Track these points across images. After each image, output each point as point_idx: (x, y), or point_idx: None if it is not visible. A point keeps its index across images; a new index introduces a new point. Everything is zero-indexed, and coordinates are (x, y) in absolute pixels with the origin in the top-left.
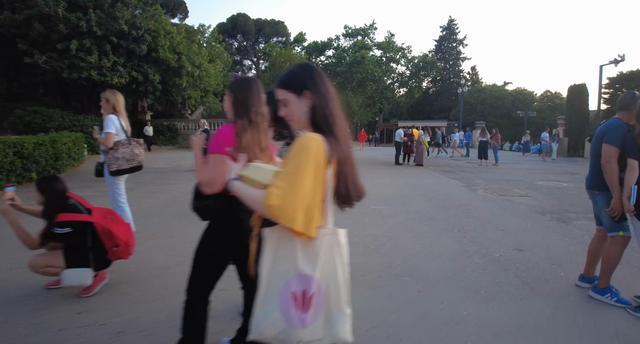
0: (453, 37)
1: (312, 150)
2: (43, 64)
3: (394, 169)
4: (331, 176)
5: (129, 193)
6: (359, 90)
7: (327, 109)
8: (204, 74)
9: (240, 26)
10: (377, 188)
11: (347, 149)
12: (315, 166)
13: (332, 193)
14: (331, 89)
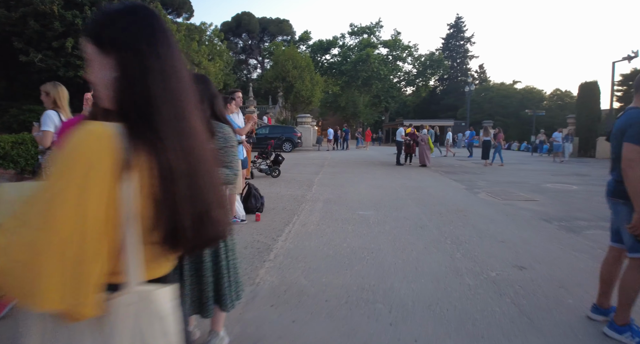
0: (460, 35)
1: (81, 155)
2: (39, 62)
3: (393, 170)
4: (132, 193)
5: None
6: (364, 88)
7: (152, 83)
8: (204, 72)
9: (244, 25)
10: (369, 190)
11: (190, 157)
12: (84, 180)
13: (137, 222)
14: (174, 54)
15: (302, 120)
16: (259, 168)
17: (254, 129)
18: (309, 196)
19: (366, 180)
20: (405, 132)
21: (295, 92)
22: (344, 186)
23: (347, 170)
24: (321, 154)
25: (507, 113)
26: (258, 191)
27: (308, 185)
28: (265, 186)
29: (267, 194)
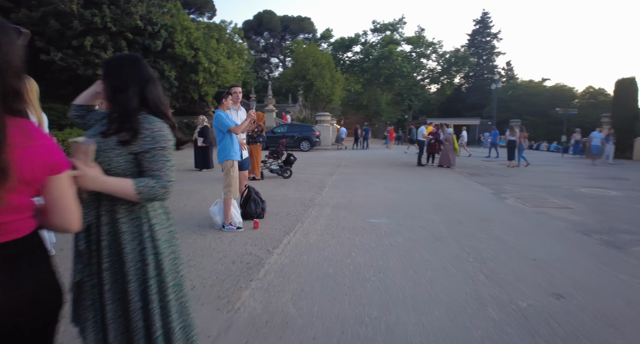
0: (487, 31)
1: None
2: (59, 61)
3: (414, 171)
4: None
5: None
6: (386, 86)
7: None
8: (222, 70)
9: (266, 23)
10: (385, 194)
11: None
12: None
13: None
14: None
15: (321, 118)
16: (270, 168)
17: (264, 127)
18: (318, 200)
19: (383, 183)
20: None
21: (315, 90)
22: (357, 189)
23: (364, 171)
24: (339, 153)
25: (536, 111)
26: (259, 196)
27: (319, 187)
28: (273, 188)
29: (273, 197)
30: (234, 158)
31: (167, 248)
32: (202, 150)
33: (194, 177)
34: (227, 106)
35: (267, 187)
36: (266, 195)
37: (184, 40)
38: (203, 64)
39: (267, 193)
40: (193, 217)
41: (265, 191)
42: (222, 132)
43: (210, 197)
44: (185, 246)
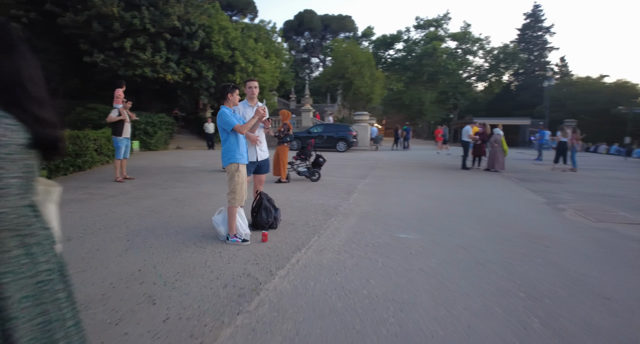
0: (538, 25)
1: None
2: (101, 63)
3: (457, 175)
4: None
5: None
6: (430, 84)
7: None
8: (259, 70)
9: (306, 23)
10: (420, 202)
11: None
12: None
13: None
14: None
15: (359, 118)
16: (297, 170)
17: (290, 126)
18: (343, 208)
19: (419, 188)
20: (472, 131)
21: (354, 88)
22: (389, 196)
23: (400, 174)
24: (377, 155)
25: (593, 111)
26: (272, 203)
27: (347, 193)
28: (298, 192)
29: (294, 203)
30: (239, 161)
31: (29, 309)
32: None
33: (218, 178)
34: (234, 102)
35: (291, 191)
36: (287, 200)
37: (221, 40)
38: (240, 64)
39: (288, 198)
40: (201, 225)
41: (288, 196)
42: (226, 131)
43: None
44: (179, 261)
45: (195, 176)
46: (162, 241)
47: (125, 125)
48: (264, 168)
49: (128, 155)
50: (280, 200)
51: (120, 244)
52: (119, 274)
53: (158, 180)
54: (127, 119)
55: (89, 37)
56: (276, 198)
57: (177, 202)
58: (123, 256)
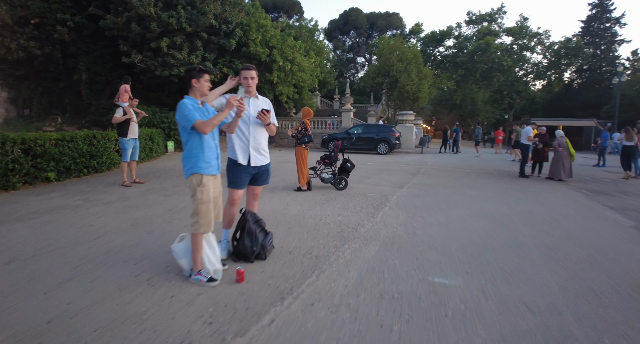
0: (606, 16)
1: None
2: (139, 63)
3: (515, 185)
4: None
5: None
6: (483, 83)
7: None
8: (297, 69)
9: (351, 21)
10: (469, 222)
11: None
12: None
13: None
14: None
15: (403, 117)
16: (321, 177)
17: (309, 125)
18: (365, 229)
19: (469, 201)
20: (532, 133)
21: (399, 87)
22: (429, 212)
23: (446, 182)
24: (422, 158)
25: None
26: (261, 225)
27: (377, 206)
28: (315, 204)
29: (305, 219)
30: (203, 171)
31: None
32: None
33: None
34: (202, 91)
35: (309, 202)
36: (299, 215)
37: (259, 38)
38: (278, 62)
39: (301, 213)
40: None
41: (302, 209)
42: (187, 129)
43: None
44: (112, 308)
45: None
46: (112, 273)
47: (131, 125)
48: (262, 179)
49: (137, 157)
50: (291, 214)
51: (63, 273)
52: (21, 324)
53: (168, 184)
54: (134, 118)
55: (129, 38)
56: (287, 212)
57: (170, 214)
58: (50, 293)
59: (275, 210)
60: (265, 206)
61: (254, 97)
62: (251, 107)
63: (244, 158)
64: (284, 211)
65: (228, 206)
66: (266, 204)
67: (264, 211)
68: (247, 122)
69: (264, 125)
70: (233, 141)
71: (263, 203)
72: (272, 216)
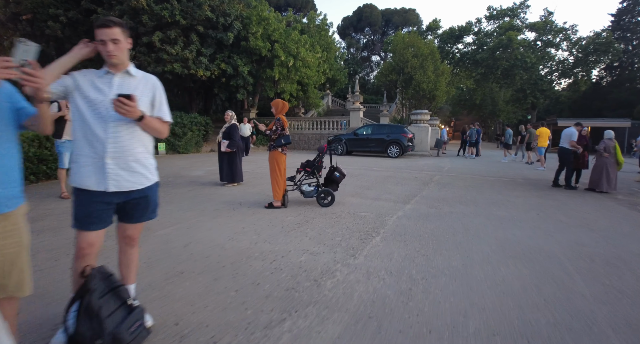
0: (638, 9)
1: None
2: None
3: (549, 198)
4: None
5: None
6: (504, 81)
7: None
8: (300, 64)
9: (365, 18)
10: (494, 267)
11: None
12: None
13: None
14: None
15: (417, 117)
16: (301, 189)
17: (285, 123)
18: (332, 284)
19: (495, 227)
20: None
21: (414, 84)
22: (439, 247)
23: (465, 195)
24: (437, 162)
25: None
26: (121, 295)
27: (365, 236)
28: (281, 231)
29: (251, 261)
30: None
31: None
32: (228, 157)
33: (198, 196)
34: None
35: (273, 228)
36: (247, 250)
37: (260, 31)
38: (280, 58)
39: (251, 247)
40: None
41: (256, 241)
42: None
43: (181, 239)
44: None
45: (180, 190)
46: None
47: (68, 125)
48: (139, 212)
49: None
50: (236, 250)
51: None
52: None
53: None
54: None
55: None
56: (232, 247)
57: (68, 247)
58: None
59: (218, 240)
60: (209, 233)
61: (122, 72)
62: (114, 88)
63: (97, 179)
64: (228, 244)
65: (75, 262)
66: (212, 230)
67: (200, 242)
68: (102, 115)
69: (134, 121)
70: (78, 150)
71: (210, 227)
72: (204, 253)
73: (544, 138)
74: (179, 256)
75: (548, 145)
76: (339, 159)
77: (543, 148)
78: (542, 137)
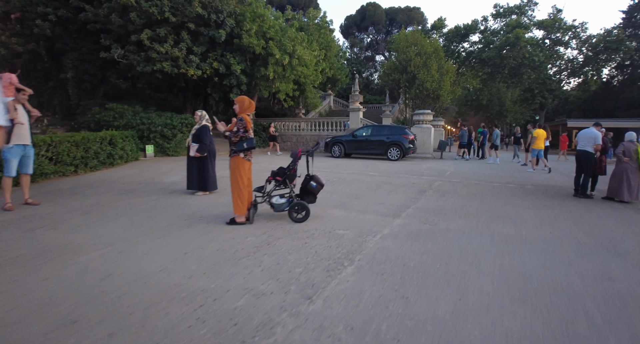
0: None
1: None
2: (119, 58)
3: (564, 210)
4: None
5: None
6: (512, 81)
7: None
8: (297, 63)
9: (369, 17)
10: (493, 320)
11: None
12: None
13: None
14: None
15: (419, 117)
16: (271, 202)
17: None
18: None
19: (500, 251)
20: None
21: (418, 84)
22: (425, 282)
23: (466, 206)
24: (440, 165)
25: None
26: None
27: (334, 265)
28: (231, 257)
29: (176, 304)
30: None
31: None
32: (198, 162)
33: (156, 208)
34: None
35: (223, 253)
36: (172, 289)
37: (254, 28)
38: (275, 56)
39: (180, 283)
40: None
41: (190, 273)
42: None
43: (103, 269)
44: None
45: (142, 200)
46: None
47: (17, 128)
48: None
49: (30, 170)
50: (163, 286)
51: None
52: None
53: (69, 207)
54: (21, 119)
55: (112, 32)
56: (160, 281)
57: None
58: None
59: (146, 271)
60: (140, 261)
61: None
62: None
63: None
64: (156, 277)
65: None
66: (147, 255)
67: (123, 273)
68: None
69: None
70: None
71: (146, 251)
72: (119, 291)
73: (541, 140)
74: (85, 294)
75: (547, 147)
76: (335, 162)
77: (538, 150)
78: (539, 138)
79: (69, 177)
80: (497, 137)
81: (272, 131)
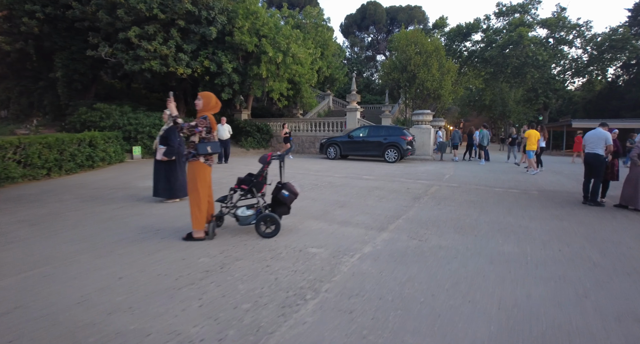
0: None
1: None
2: (106, 57)
3: (573, 222)
4: None
5: None
6: (515, 80)
7: None
8: (291, 61)
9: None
10: None
11: None
12: None
13: None
14: None
15: (418, 118)
16: (236, 214)
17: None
18: None
19: (500, 278)
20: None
21: (418, 83)
22: (406, 312)
23: (463, 216)
24: (439, 168)
25: None
26: None
27: (298, 295)
28: (169, 287)
29: (96, 337)
30: None
31: None
32: (165, 167)
33: (115, 218)
34: None
35: (163, 280)
36: (87, 324)
37: (247, 26)
38: (268, 54)
39: (98, 319)
40: None
41: (122, 303)
42: None
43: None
44: None
45: (103, 208)
46: None
47: None
48: None
49: None
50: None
51: None
52: None
53: (26, 215)
54: None
55: (100, 29)
56: (71, 318)
57: None
58: None
59: (60, 304)
60: (61, 289)
61: None
62: None
63: None
64: (68, 313)
65: None
66: (73, 281)
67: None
68: None
69: None
70: None
71: (74, 276)
72: (17, 332)
73: (533, 141)
74: None
75: (541, 148)
76: (330, 164)
77: (532, 152)
78: (530, 139)
79: (39, 181)
80: (484, 137)
81: (285, 132)
